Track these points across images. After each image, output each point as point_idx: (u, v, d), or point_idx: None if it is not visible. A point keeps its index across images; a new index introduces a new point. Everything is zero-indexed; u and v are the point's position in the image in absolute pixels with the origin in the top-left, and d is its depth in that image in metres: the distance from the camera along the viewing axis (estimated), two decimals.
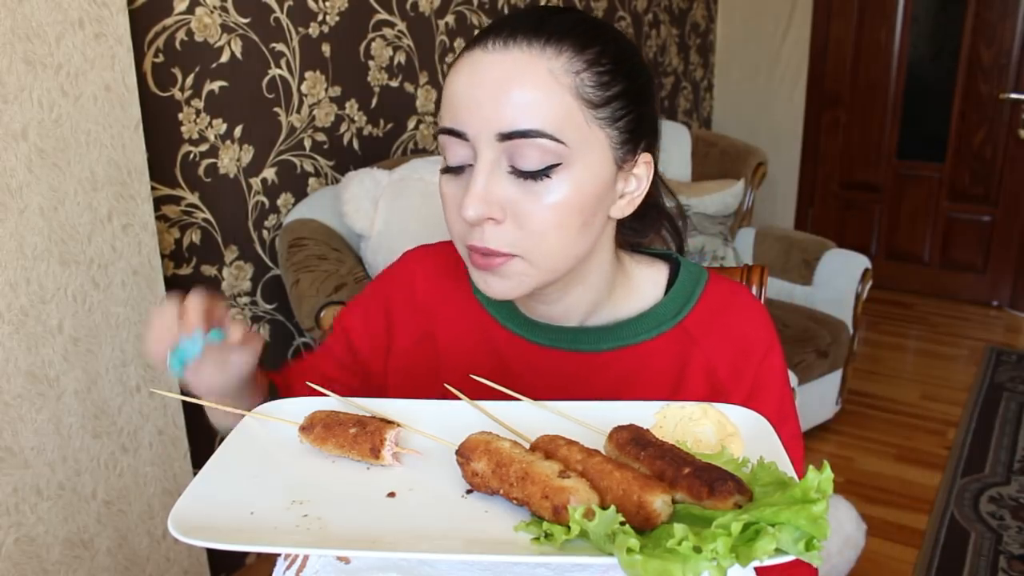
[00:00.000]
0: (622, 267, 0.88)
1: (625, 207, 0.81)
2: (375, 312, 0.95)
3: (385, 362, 0.94)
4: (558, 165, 0.72)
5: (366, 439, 0.67)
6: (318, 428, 0.69)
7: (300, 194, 2.17)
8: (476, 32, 0.77)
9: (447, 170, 0.76)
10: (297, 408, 0.75)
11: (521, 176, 0.72)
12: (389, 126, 2.42)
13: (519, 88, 0.71)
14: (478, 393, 0.76)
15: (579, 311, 0.86)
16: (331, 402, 0.76)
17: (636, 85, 0.77)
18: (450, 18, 2.56)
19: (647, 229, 0.91)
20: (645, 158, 0.80)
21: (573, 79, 0.72)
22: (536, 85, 0.71)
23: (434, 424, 0.71)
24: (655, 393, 0.84)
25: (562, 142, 0.72)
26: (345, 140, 2.29)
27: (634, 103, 0.77)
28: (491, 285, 0.77)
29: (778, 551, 0.51)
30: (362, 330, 0.95)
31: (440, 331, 0.90)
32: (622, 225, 0.86)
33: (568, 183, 0.73)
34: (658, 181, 0.86)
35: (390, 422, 0.69)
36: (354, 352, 0.95)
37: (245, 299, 2.09)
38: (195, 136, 1.89)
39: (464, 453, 0.63)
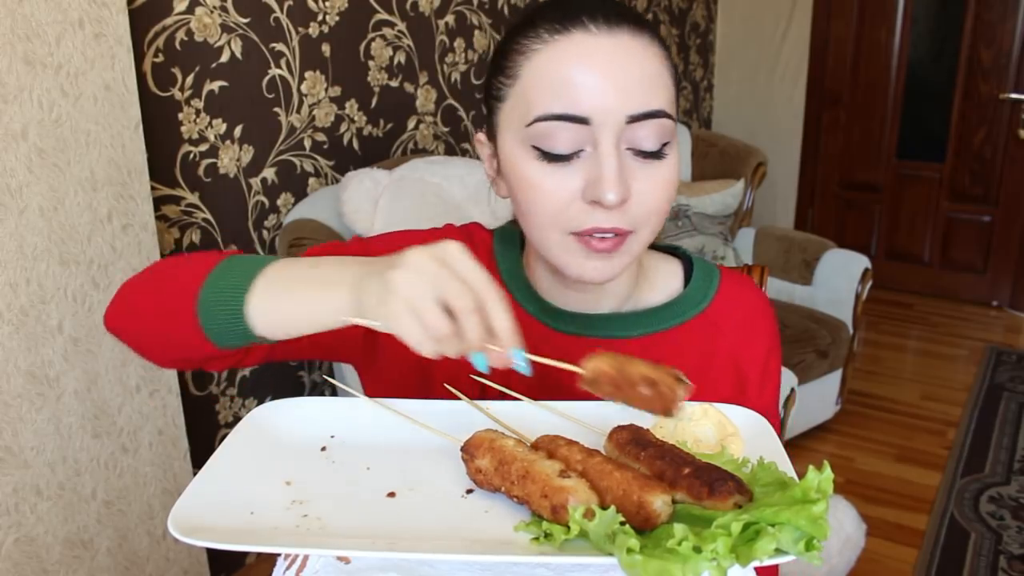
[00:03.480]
0: (640, 260, 0.90)
1: None
2: None
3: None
4: (669, 143, 0.76)
5: (657, 395, 0.65)
6: (606, 384, 0.66)
7: (300, 194, 2.17)
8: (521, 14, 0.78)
9: (548, 157, 0.74)
10: (297, 408, 0.74)
11: (641, 155, 0.75)
12: (389, 126, 2.42)
13: (642, 70, 0.74)
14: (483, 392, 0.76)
15: (615, 299, 0.87)
16: (332, 401, 0.76)
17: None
18: (450, 18, 2.56)
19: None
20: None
21: (667, 61, 0.77)
22: (655, 67, 0.75)
23: (436, 423, 0.72)
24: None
25: (673, 119, 0.76)
26: (345, 140, 2.29)
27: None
28: (599, 269, 0.77)
29: (778, 551, 0.51)
30: None
31: None
32: None
33: (673, 159, 0.77)
34: None
35: (681, 379, 0.65)
36: None
37: None
38: (195, 136, 1.89)
39: (468, 450, 0.64)
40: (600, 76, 0.72)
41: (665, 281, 0.91)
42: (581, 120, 0.73)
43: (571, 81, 0.73)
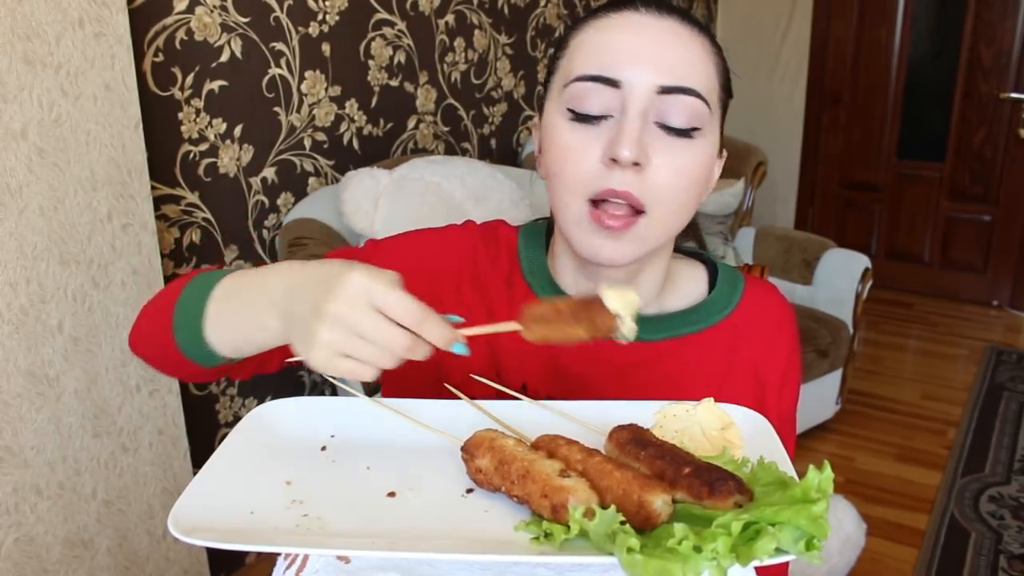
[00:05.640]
0: (666, 264, 0.90)
1: (704, 197, 0.84)
2: (425, 270, 0.90)
3: None
4: (699, 129, 0.76)
5: (590, 325, 0.65)
6: (536, 325, 0.66)
7: (300, 193, 2.17)
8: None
9: (578, 118, 0.76)
10: (297, 408, 0.74)
11: (667, 131, 0.75)
12: (389, 125, 2.42)
13: (684, 49, 0.76)
14: (484, 391, 0.76)
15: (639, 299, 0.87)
16: (333, 401, 0.76)
17: (731, 89, 0.83)
18: (450, 17, 2.56)
19: (697, 231, 0.97)
20: (723, 153, 0.85)
21: (716, 59, 0.79)
22: (697, 50, 0.77)
23: (436, 423, 0.72)
24: (708, 383, 0.86)
25: (708, 107, 0.76)
26: (345, 139, 2.29)
27: (728, 101, 0.83)
28: (606, 248, 0.77)
29: (778, 551, 0.51)
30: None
31: (496, 313, 0.88)
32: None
33: (702, 149, 0.77)
34: None
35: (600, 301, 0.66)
36: None
37: None
38: (195, 136, 1.89)
39: (469, 449, 0.64)
40: (638, 45, 0.75)
41: (689, 286, 0.91)
42: (612, 82, 0.74)
43: (609, 46, 0.76)
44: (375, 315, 0.59)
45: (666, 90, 0.74)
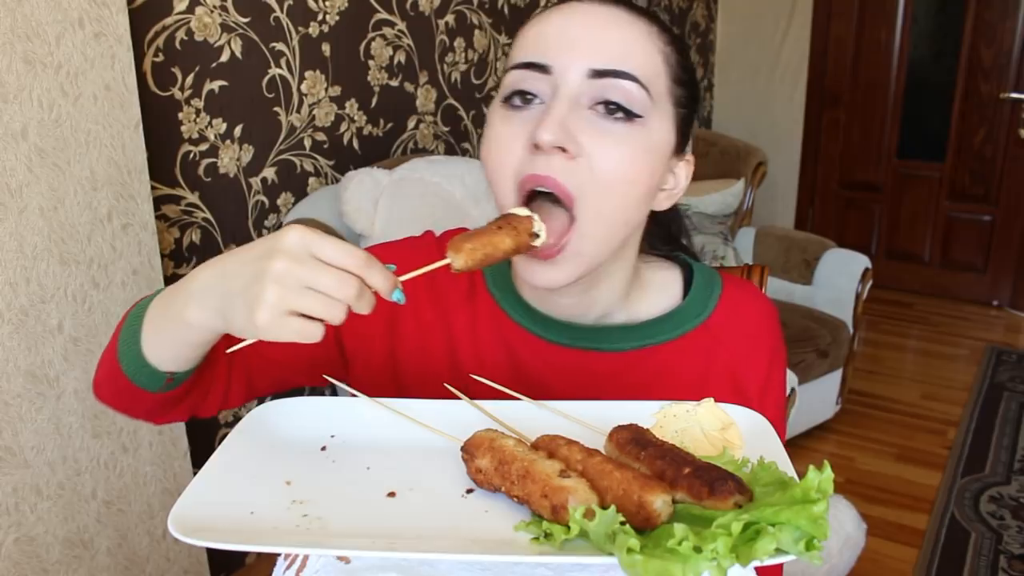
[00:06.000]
0: (635, 269, 0.86)
1: (663, 201, 0.81)
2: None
3: (388, 345, 0.86)
4: (641, 117, 0.72)
5: (511, 230, 0.67)
6: (464, 244, 0.67)
7: (300, 194, 2.17)
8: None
9: (509, 101, 0.73)
10: (297, 408, 0.74)
11: (602, 115, 0.71)
12: (389, 126, 2.42)
13: (620, 32, 0.73)
14: (481, 392, 0.76)
15: (599, 307, 0.83)
16: (333, 401, 0.76)
17: (694, 86, 0.80)
18: (450, 18, 2.56)
19: (678, 236, 0.92)
20: (688, 158, 0.81)
21: (664, 47, 0.75)
22: (636, 35, 0.73)
23: (436, 423, 0.72)
24: (681, 394, 0.82)
25: (649, 94, 0.72)
26: (345, 140, 2.29)
27: (691, 101, 0.79)
28: (538, 273, 0.74)
29: (778, 551, 0.51)
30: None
31: (456, 327, 0.85)
32: (654, 229, 0.86)
33: (643, 139, 0.72)
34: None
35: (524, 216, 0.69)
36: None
37: None
38: (195, 136, 1.89)
39: (469, 449, 0.64)
40: (571, 31, 0.72)
41: (663, 290, 0.87)
42: (542, 68, 0.72)
43: (543, 34, 0.74)
44: (319, 264, 0.58)
45: (599, 73, 0.70)
